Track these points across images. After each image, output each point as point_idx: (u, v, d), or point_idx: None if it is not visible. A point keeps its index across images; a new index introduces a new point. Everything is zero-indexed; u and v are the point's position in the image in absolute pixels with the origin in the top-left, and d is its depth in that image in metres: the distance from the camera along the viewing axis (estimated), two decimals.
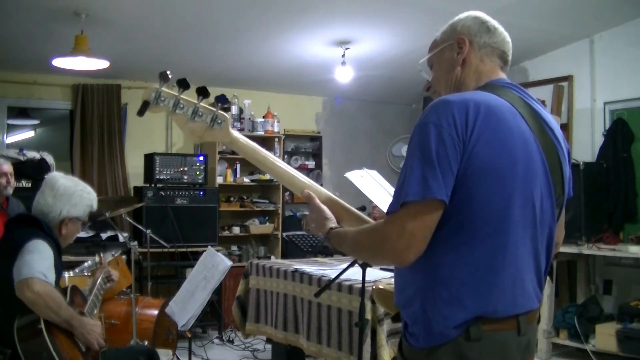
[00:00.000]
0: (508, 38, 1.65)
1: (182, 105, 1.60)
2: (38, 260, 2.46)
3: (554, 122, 1.61)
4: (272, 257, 6.61)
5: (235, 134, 1.69)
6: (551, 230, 1.55)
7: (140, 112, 1.61)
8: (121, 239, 5.10)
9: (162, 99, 1.59)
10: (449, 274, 1.43)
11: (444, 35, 1.66)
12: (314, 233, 1.77)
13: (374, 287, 1.88)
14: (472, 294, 1.42)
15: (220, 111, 1.65)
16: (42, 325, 2.39)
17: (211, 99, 1.68)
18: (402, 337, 1.57)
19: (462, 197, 1.41)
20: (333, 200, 1.77)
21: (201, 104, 1.63)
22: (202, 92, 1.62)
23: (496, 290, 1.43)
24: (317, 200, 1.74)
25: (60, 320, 2.44)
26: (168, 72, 1.60)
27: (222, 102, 1.66)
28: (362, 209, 3.54)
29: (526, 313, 1.49)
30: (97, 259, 3.58)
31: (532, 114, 1.53)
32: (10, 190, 4.28)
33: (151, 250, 5.00)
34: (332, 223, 1.70)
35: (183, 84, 1.61)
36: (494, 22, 1.64)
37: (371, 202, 2.66)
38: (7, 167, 4.31)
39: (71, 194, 2.77)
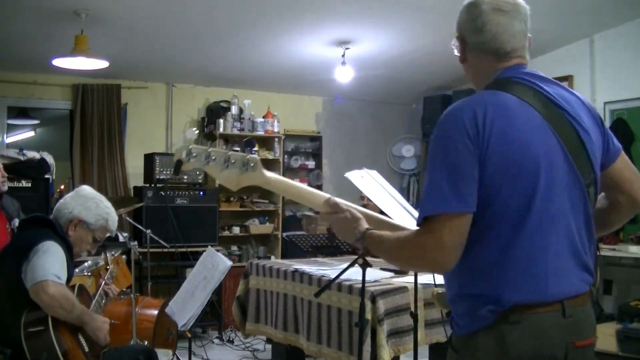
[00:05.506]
0: (500, 29, 1.59)
1: (213, 157, 1.71)
2: (51, 262, 2.50)
3: (570, 97, 1.66)
4: (272, 257, 6.61)
5: (269, 174, 1.75)
6: (586, 213, 1.59)
7: (176, 172, 1.73)
8: (121, 238, 5.11)
9: (194, 154, 1.69)
10: (482, 271, 1.53)
11: (456, 24, 1.68)
12: (343, 237, 1.79)
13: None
14: (505, 287, 1.50)
15: (250, 155, 1.74)
16: (50, 324, 2.42)
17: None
18: (452, 328, 1.67)
19: (487, 197, 1.48)
20: (363, 213, 1.80)
21: (231, 151, 1.73)
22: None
23: (526, 281, 1.50)
24: (344, 205, 1.77)
25: (72, 318, 2.48)
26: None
27: (251, 146, 1.78)
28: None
29: (572, 297, 1.54)
30: (102, 257, 3.59)
31: (544, 101, 1.57)
32: (6, 187, 4.25)
33: (151, 250, 5.00)
34: (366, 224, 1.74)
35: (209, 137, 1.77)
36: (483, 17, 1.59)
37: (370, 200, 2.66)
38: None
39: (89, 198, 2.82)
